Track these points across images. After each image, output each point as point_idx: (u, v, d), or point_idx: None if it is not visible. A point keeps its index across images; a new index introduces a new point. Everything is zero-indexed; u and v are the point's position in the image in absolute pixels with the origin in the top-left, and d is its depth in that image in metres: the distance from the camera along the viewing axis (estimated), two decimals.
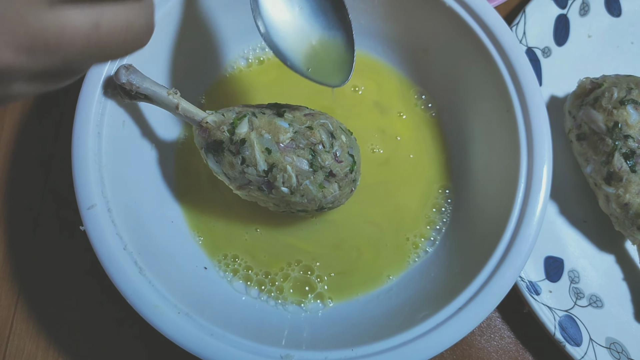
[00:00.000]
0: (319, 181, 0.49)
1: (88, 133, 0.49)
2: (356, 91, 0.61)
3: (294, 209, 0.51)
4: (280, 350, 0.45)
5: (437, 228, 0.57)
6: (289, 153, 0.48)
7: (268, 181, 0.48)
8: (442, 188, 0.59)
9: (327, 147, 0.49)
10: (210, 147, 0.49)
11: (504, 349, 0.58)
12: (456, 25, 0.55)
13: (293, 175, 0.48)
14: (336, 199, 0.51)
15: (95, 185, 0.48)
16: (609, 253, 0.61)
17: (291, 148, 0.48)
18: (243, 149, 0.48)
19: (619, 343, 0.57)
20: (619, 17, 0.68)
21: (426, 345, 0.45)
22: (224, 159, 0.49)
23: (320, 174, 0.48)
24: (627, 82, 0.57)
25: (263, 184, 0.49)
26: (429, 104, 0.61)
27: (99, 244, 0.47)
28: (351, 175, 0.50)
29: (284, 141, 0.48)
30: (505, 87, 0.53)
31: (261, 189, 0.49)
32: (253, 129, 0.48)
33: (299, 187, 0.48)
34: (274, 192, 0.49)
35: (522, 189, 0.50)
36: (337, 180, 0.49)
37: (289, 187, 0.48)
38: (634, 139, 0.55)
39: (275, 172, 0.48)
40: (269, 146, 0.48)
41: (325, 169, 0.48)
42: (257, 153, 0.48)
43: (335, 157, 0.49)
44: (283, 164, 0.48)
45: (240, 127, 0.48)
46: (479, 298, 0.47)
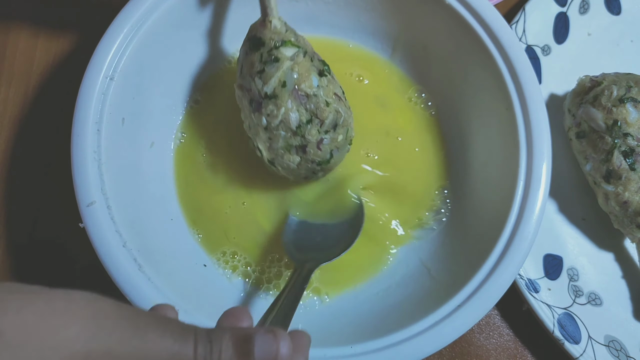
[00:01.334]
0: (290, 143, 0.49)
1: (87, 130, 0.49)
2: (361, 81, 0.61)
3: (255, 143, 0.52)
4: None
5: (436, 225, 0.57)
6: (294, 100, 0.48)
7: (260, 104, 0.48)
8: (441, 185, 0.59)
9: (320, 129, 0.49)
10: (252, 40, 0.49)
11: (503, 347, 0.58)
12: (456, 23, 0.55)
13: (279, 118, 0.48)
14: (288, 170, 0.51)
15: (95, 183, 0.48)
16: (608, 251, 0.61)
17: (299, 100, 0.48)
18: (270, 64, 0.48)
19: (617, 341, 0.57)
20: (618, 15, 0.67)
21: (425, 342, 0.46)
22: (252, 56, 0.49)
23: (296, 140, 0.49)
24: (626, 80, 0.57)
25: (256, 102, 0.49)
26: (429, 102, 0.61)
27: (98, 241, 0.47)
28: (314, 165, 0.51)
29: (301, 90, 0.48)
30: (505, 85, 0.53)
31: (251, 103, 0.49)
32: (292, 61, 0.48)
33: (273, 131, 0.49)
34: (255, 116, 0.49)
35: (521, 187, 0.50)
36: (301, 157, 0.50)
37: (269, 122, 0.49)
38: (634, 137, 0.55)
39: (271, 102, 0.48)
40: (288, 82, 0.48)
41: (303, 140, 0.49)
42: (275, 77, 0.48)
43: (319, 142, 0.49)
44: (282, 102, 0.48)
45: (287, 50, 0.48)
46: (478, 295, 0.47)
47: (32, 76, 0.63)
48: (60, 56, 0.64)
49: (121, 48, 0.51)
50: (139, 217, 0.51)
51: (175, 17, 0.54)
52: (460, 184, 0.58)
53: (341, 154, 0.52)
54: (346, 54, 0.61)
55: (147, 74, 0.54)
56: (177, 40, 0.56)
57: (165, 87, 0.57)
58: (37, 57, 0.64)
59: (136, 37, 0.51)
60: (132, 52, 0.51)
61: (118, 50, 0.51)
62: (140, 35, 0.52)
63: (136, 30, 0.52)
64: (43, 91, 0.63)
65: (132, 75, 0.52)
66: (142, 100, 0.54)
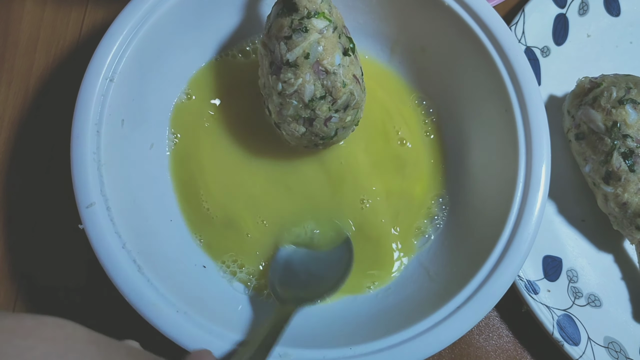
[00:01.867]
0: (299, 113, 0.50)
1: (87, 132, 0.49)
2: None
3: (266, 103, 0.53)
4: (279, 348, 0.45)
5: (435, 226, 0.57)
6: (313, 74, 0.48)
7: (279, 68, 0.49)
8: (441, 187, 0.59)
9: (332, 107, 0.49)
10: (287, 3, 0.49)
11: (502, 348, 0.58)
12: (454, 25, 0.55)
13: (295, 87, 0.48)
14: (291, 136, 0.52)
15: (94, 184, 0.48)
16: (607, 252, 0.61)
17: (318, 75, 0.48)
18: (298, 32, 0.48)
19: (617, 342, 0.57)
20: (618, 16, 0.68)
21: (424, 344, 0.46)
22: (282, 20, 0.48)
23: (305, 112, 0.49)
24: (625, 82, 0.57)
25: (276, 65, 0.49)
26: (430, 109, 0.61)
27: (97, 242, 0.47)
28: (317, 139, 0.52)
29: (322, 65, 0.48)
30: (504, 86, 0.53)
31: (271, 65, 0.50)
32: (320, 34, 0.48)
33: (286, 98, 0.49)
34: (272, 79, 0.49)
35: (520, 188, 0.50)
36: (307, 129, 0.51)
37: (283, 89, 0.49)
38: (633, 139, 0.55)
39: (290, 70, 0.48)
40: (312, 54, 0.48)
41: (312, 114, 0.49)
42: (300, 47, 0.48)
43: (327, 119, 0.50)
44: (301, 73, 0.48)
45: (318, 22, 0.48)
46: (478, 297, 0.47)
47: (31, 77, 0.63)
48: (60, 57, 0.64)
49: (121, 49, 0.51)
50: (139, 219, 0.51)
51: (175, 18, 0.54)
52: (460, 186, 0.58)
53: (345, 133, 0.53)
54: None
55: (147, 76, 0.54)
56: (177, 41, 0.56)
57: (165, 89, 0.57)
58: (37, 58, 0.64)
59: (136, 38, 0.52)
60: (132, 53, 0.52)
61: (118, 52, 0.51)
62: (140, 36, 0.52)
63: (136, 32, 0.52)
64: (43, 92, 0.63)
65: (132, 77, 0.52)
66: (141, 102, 0.54)
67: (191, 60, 0.58)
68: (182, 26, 0.55)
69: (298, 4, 0.48)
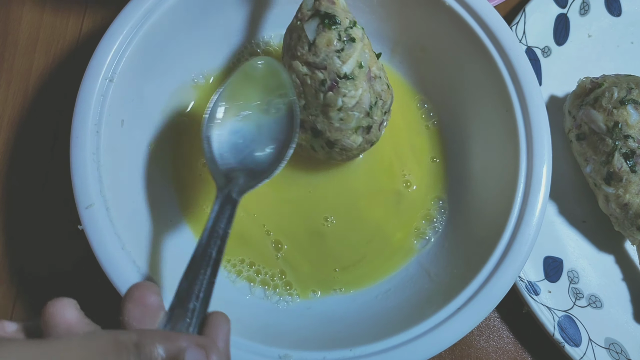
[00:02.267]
0: (361, 124, 0.50)
1: (86, 132, 0.49)
2: None
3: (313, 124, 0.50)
4: (279, 350, 0.45)
5: (435, 228, 0.57)
6: (367, 82, 0.48)
7: (335, 83, 0.48)
8: (442, 188, 0.58)
9: (383, 110, 0.50)
10: (325, 17, 0.47)
11: (503, 349, 0.58)
12: (455, 25, 0.55)
13: (357, 98, 0.48)
14: (345, 149, 0.51)
15: (94, 184, 0.48)
16: (608, 253, 0.61)
17: (370, 81, 0.49)
18: (348, 43, 0.47)
19: (618, 343, 0.57)
20: (619, 16, 0.67)
21: (425, 345, 0.45)
22: (329, 34, 0.47)
23: (366, 120, 0.50)
24: (627, 82, 0.57)
25: (331, 81, 0.47)
26: (430, 113, 0.60)
27: (97, 243, 0.47)
28: (368, 146, 0.52)
29: (372, 72, 0.49)
30: (505, 86, 0.53)
31: (323, 83, 0.48)
32: (362, 42, 0.48)
33: (348, 111, 0.49)
34: (327, 97, 0.48)
35: (521, 189, 0.50)
36: (363, 138, 0.51)
37: (344, 103, 0.48)
38: (634, 139, 0.55)
39: (349, 82, 0.48)
40: (363, 63, 0.48)
41: (371, 121, 0.50)
42: (354, 58, 0.47)
43: (381, 123, 0.51)
44: (359, 84, 0.48)
45: (357, 31, 0.48)
46: (478, 298, 0.47)
47: (31, 77, 0.63)
48: (60, 57, 0.64)
49: (120, 50, 0.51)
50: (139, 220, 0.51)
51: (175, 18, 0.54)
52: (460, 187, 0.57)
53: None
54: None
55: (146, 76, 0.54)
56: (177, 42, 0.56)
57: (165, 89, 0.57)
58: (36, 58, 0.63)
59: (135, 38, 0.51)
60: (132, 53, 0.51)
61: (117, 52, 0.51)
62: (139, 36, 0.51)
63: (135, 32, 0.51)
64: (42, 92, 0.63)
65: (132, 77, 0.52)
66: (141, 102, 0.54)
67: (193, 61, 0.58)
68: (183, 26, 0.55)
69: (338, 15, 0.48)
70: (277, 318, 0.52)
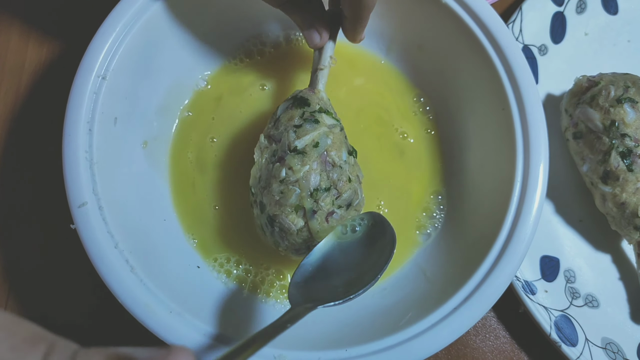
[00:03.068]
0: (301, 203, 0.46)
1: (79, 130, 0.49)
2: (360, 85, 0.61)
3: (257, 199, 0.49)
4: (274, 350, 0.45)
5: (432, 227, 0.57)
6: (320, 164, 0.47)
7: (284, 155, 0.47)
8: (438, 188, 0.58)
9: (335, 202, 0.47)
10: (298, 99, 0.50)
11: (499, 349, 0.58)
12: (452, 23, 0.55)
13: (301, 173, 0.46)
14: (284, 231, 0.47)
15: (86, 183, 0.48)
16: (605, 252, 0.61)
17: (325, 165, 0.47)
18: (309, 122, 0.48)
19: (614, 343, 0.56)
20: (615, 15, 0.67)
21: (421, 345, 0.45)
22: (293, 111, 0.49)
23: (308, 202, 0.46)
24: (624, 81, 0.57)
25: (281, 152, 0.47)
26: (427, 107, 0.60)
27: (89, 242, 0.46)
28: (311, 240, 0.47)
29: (330, 156, 0.47)
30: (502, 85, 0.52)
31: (274, 154, 0.48)
32: (329, 128, 0.48)
33: (289, 185, 0.46)
34: (275, 167, 0.47)
35: (518, 188, 0.50)
36: (305, 223, 0.47)
37: (287, 176, 0.46)
38: (631, 138, 0.55)
39: (297, 156, 0.47)
40: (321, 144, 0.47)
41: (315, 206, 0.46)
42: (310, 136, 0.47)
43: (330, 214, 0.47)
44: (308, 161, 0.47)
45: (327, 118, 0.49)
46: (475, 298, 0.47)
47: (23, 75, 0.62)
48: (52, 55, 0.63)
49: (113, 47, 0.50)
50: (132, 218, 0.51)
51: (167, 17, 0.53)
52: (458, 186, 0.57)
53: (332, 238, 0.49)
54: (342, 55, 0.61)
55: (140, 74, 0.53)
56: (170, 40, 0.55)
57: (158, 87, 0.56)
58: (29, 56, 0.63)
59: (128, 36, 0.51)
60: (124, 51, 0.51)
61: (110, 50, 0.50)
62: (132, 34, 0.51)
63: (128, 30, 0.51)
64: (34, 90, 0.62)
65: (125, 75, 0.52)
66: (134, 100, 0.54)
67: (188, 59, 0.58)
68: (178, 23, 0.55)
69: (310, 100, 0.49)
70: (271, 319, 0.52)
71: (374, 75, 0.61)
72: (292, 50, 0.61)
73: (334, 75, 0.59)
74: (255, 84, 0.60)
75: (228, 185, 0.56)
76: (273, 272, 0.54)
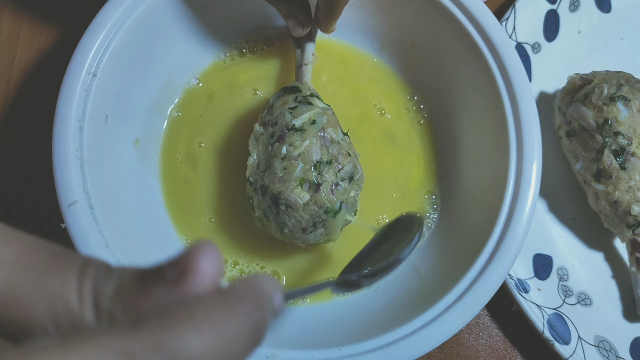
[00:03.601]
0: (306, 176, 0.47)
1: (69, 128, 0.48)
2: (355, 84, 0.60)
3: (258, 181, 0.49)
4: (266, 349, 0.45)
5: (425, 227, 0.56)
6: (319, 139, 0.48)
7: (283, 134, 0.48)
8: (432, 186, 0.58)
9: (338, 174, 0.47)
10: (289, 88, 0.51)
11: (492, 347, 0.58)
12: (445, 20, 0.54)
13: (302, 148, 0.47)
14: (292, 209, 0.47)
15: (77, 182, 0.47)
16: (597, 250, 0.61)
17: (324, 141, 0.48)
18: (304, 104, 0.49)
19: (607, 341, 0.57)
20: (608, 13, 0.67)
21: (414, 344, 0.45)
22: (286, 97, 0.50)
23: (312, 174, 0.47)
24: (617, 79, 0.57)
25: (279, 133, 0.48)
26: (421, 105, 0.60)
27: (80, 241, 0.46)
28: (321, 212, 0.47)
29: (327, 133, 0.48)
30: (495, 83, 0.52)
31: (272, 136, 0.49)
32: (322, 110, 0.49)
33: (291, 160, 0.47)
34: (275, 147, 0.48)
35: (511, 186, 0.50)
36: (311, 196, 0.47)
37: (289, 152, 0.47)
38: (624, 136, 0.55)
39: (296, 133, 0.47)
40: (317, 121, 0.48)
41: (320, 178, 0.47)
42: (306, 115, 0.48)
43: (335, 184, 0.47)
44: (307, 136, 0.47)
45: (319, 102, 0.51)
46: (468, 296, 0.47)
47: (13, 72, 0.62)
48: (42, 52, 0.62)
49: (104, 44, 0.50)
50: (123, 217, 0.50)
51: (158, 14, 0.53)
52: (451, 184, 0.57)
53: (348, 213, 0.49)
54: (333, 53, 0.60)
55: (131, 71, 0.53)
56: (161, 37, 0.55)
57: (150, 84, 0.56)
58: (19, 52, 0.62)
59: (119, 33, 0.50)
60: (115, 48, 0.50)
61: (101, 46, 0.50)
62: (123, 31, 0.51)
63: (119, 26, 0.50)
64: (24, 87, 0.61)
65: (116, 72, 0.51)
66: (125, 98, 0.53)
67: (179, 57, 0.57)
68: (168, 21, 0.54)
69: (301, 87, 0.51)
70: None
71: (366, 73, 0.60)
72: (284, 47, 0.60)
73: (325, 73, 0.59)
74: (248, 83, 0.59)
75: (221, 184, 0.56)
76: (269, 273, 0.54)
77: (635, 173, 0.55)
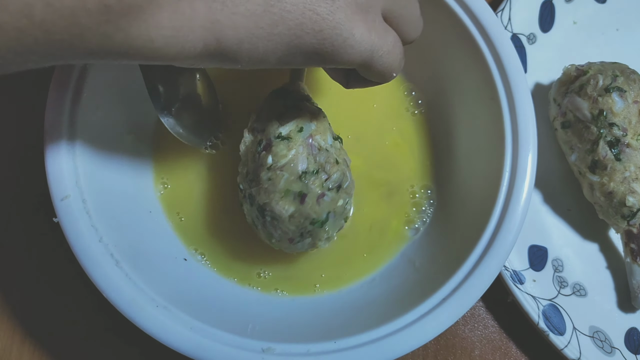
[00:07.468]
0: (291, 188, 0.45)
1: (61, 120, 0.47)
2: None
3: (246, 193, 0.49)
4: (261, 343, 0.44)
5: (420, 221, 0.56)
6: (306, 147, 0.46)
7: (270, 143, 0.46)
8: (427, 179, 0.58)
9: (325, 184, 0.46)
10: (280, 91, 0.51)
11: (488, 338, 0.58)
12: (440, 11, 0.54)
13: (287, 158, 0.45)
14: (278, 220, 0.46)
15: (69, 175, 0.47)
16: (592, 241, 0.61)
17: (311, 149, 0.46)
18: (292, 109, 0.48)
19: (602, 332, 0.57)
20: (604, 3, 0.67)
21: (410, 336, 0.45)
22: (276, 102, 0.49)
23: (297, 185, 0.45)
24: (612, 70, 0.57)
25: (266, 141, 0.47)
26: (419, 101, 0.60)
27: (73, 236, 0.45)
28: (306, 223, 0.46)
29: (315, 140, 0.47)
30: (490, 74, 0.52)
31: (259, 144, 0.47)
32: (312, 114, 0.48)
33: (276, 170, 0.45)
34: (261, 156, 0.46)
35: (506, 178, 0.50)
36: (296, 208, 0.46)
37: (274, 162, 0.46)
38: (619, 127, 0.55)
39: (282, 142, 0.46)
40: (305, 129, 0.47)
41: (305, 188, 0.45)
42: (293, 122, 0.47)
43: (320, 196, 0.46)
44: (293, 145, 0.46)
45: (311, 106, 0.49)
46: (464, 288, 0.46)
47: None
48: None
49: None
50: (116, 211, 0.50)
51: None
52: (446, 177, 0.57)
53: (335, 225, 0.49)
54: None
55: None
56: None
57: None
58: None
59: None
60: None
61: None
62: None
63: None
64: (14, 79, 0.60)
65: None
66: (120, 89, 0.53)
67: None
68: None
69: (291, 90, 0.50)
70: (260, 310, 0.51)
71: None
72: None
73: (318, 71, 0.58)
74: None
75: (215, 176, 0.56)
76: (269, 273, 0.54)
77: (630, 164, 0.55)
